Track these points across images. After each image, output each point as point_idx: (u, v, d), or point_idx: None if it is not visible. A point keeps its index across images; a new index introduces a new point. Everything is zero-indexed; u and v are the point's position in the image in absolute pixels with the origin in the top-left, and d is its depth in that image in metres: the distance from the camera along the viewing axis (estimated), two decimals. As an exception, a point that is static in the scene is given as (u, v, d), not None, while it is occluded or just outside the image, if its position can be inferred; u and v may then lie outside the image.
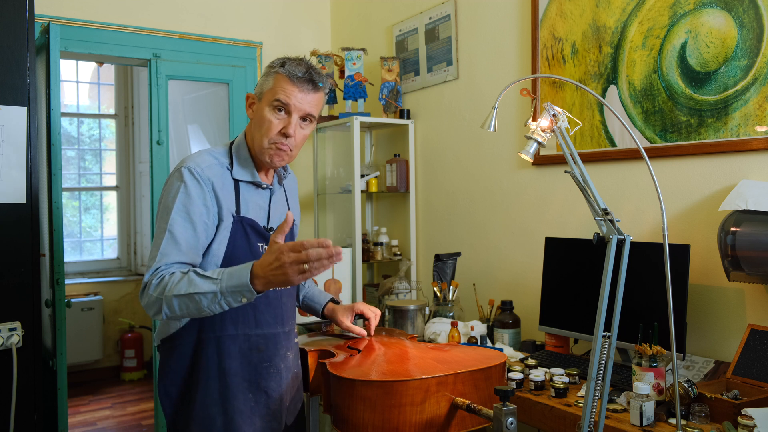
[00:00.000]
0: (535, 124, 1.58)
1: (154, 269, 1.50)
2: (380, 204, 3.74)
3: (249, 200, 1.66)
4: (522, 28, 2.72)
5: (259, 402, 1.65)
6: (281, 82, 1.60)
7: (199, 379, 1.61)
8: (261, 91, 1.64)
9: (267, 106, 1.61)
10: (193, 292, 1.41)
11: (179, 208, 1.54)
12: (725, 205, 1.83)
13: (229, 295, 1.40)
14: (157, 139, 3.44)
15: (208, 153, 1.65)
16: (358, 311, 1.96)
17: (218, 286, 1.40)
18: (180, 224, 1.53)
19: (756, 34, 1.90)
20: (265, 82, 1.63)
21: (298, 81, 1.60)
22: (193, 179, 1.56)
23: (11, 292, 2.37)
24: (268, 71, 1.64)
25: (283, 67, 1.61)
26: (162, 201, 1.60)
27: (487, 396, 1.52)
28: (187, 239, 1.53)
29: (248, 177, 1.66)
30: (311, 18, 4.04)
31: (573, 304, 2.24)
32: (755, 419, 1.47)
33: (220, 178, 1.61)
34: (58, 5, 3.20)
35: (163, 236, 1.52)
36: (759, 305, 1.92)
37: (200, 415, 1.59)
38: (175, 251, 1.51)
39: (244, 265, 1.42)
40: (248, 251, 1.63)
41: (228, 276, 1.41)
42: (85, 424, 4.25)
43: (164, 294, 1.44)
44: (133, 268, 5.74)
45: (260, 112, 1.62)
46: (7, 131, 2.37)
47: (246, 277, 1.38)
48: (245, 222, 1.63)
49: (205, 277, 1.43)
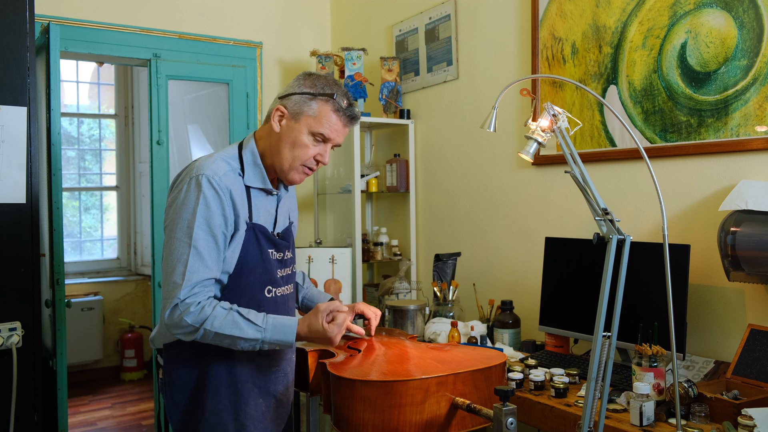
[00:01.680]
0: (535, 124, 1.58)
1: (189, 288, 1.48)
2: (380, 204, 3.74)
3: (259, 206, 1.65)
4: (522, 28, 2.72)
5: (269, 406, 1.67)
6: (328, 114, 1.59)
7: (209, 385, 1.59)
8: (299, 112, 1.59)
9: (307, 132, 1.59)
10: (237, 336, 1.49)
11: (201, 222, 1.51)
12: (725, 205, 1.83)
13: (267, 345, 1.52)
14: (157, 139, 3.44)
15: (222, 159, 1.60)
16: (359, 311, 1.95)
17: (262, 335, 1.50)
18: (203, 239, 1.51)
19: (756, 34, 1.90)
20: (305, 104, 1.58)
21: (343, 116, 1.60)
22: (212, 190, 1.53)
23: (11, 292, 2.37)
24: (310, 92, 1.59)
25: (333, 99, 1.58)
26: (177, 209, 1.54)
27: (487, 396, 1.52)
28: (210, 254, 1.52)
29: (260, 184, 1.64)
30: (311, 18, 4.04)
31: (573, 304, 2.24)
32: (755, 419, 1.47)
33: (235, 185, 1.59)
34: (58, 5, 3.20)
35: (187, 251, 1.50)
36: (759, 305, 1.92)
37: (211, 422, 1.58)
38: (203, 268, 1.50)
39: (289, 320, 1.54)
40: (260, 258, 1.62)
41: (273, 328, 1.51)
42: (85, 424, 4.25)
43: (204, 326, 1.47)
44: (133, 268, 5.74)
45: (296, 134, 1.59)
46: (7, 131, 2.37)
47: (292, 336, 1.52)
48: (257, 229, 1.62)
49: (249, 322, 1.50)
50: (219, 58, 3.66)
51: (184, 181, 1.56)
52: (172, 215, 1.55)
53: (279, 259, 1.69)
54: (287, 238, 1.74)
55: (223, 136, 3.86)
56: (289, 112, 1.60)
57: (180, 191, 1.55)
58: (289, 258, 1.74)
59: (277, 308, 1.68)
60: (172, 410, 1.62)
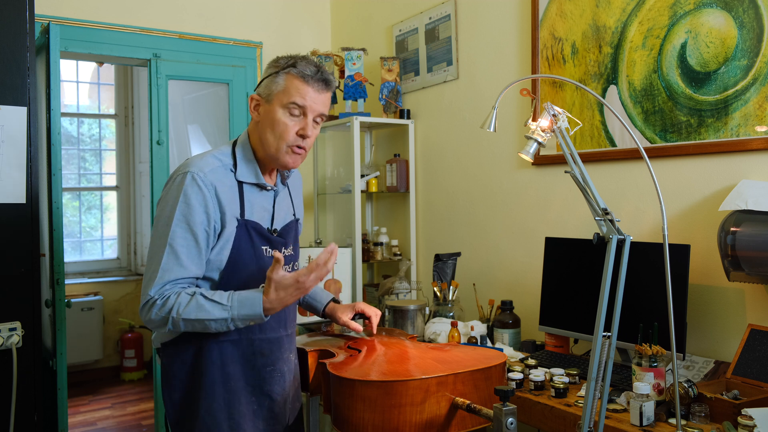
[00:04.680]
0: (535, 124, 1.58)
1: (159, 288, 1.48)
2: (380, 204, 3.74)
3: (254, 202, 1.63)
4: (522, 28, 2.72)
5: (262, 405, 1.65)
6: (294, 82, 1.56)
7: (203, 384, 1.59)
8: (270, 93, 1.58)
9: (280, 108, 1.57)
10: (203, 318, 1.46)
11: (179, 219, 1.50)
12: (725, 205, 1.83)
13: (239, 321, 1.47)
14: (157, 139, 3.44)
15: (212, 155, 1.61)
16: (359, 310, 1.96)
17: (229, 314, 1.46)
18: (180, 236, 1.50)
19: (756, 34, 1.90)
20: (273, 83, 1.58)
21: (311, 81, 1.57)
22: (195, 185, 1.52)
23: (11, 292, 2.37)
24: (275, 71, 1.59)
25: (294, 68, 1.57)
26: (161, 206, 1.56)
27: (487, 396, 1.52)
28: (188, 252, 1.51)
29: (252, 179, 1.63)
30: (311, 18, 4.04)
31: (573, 304, 2.24)
32: (755, 419, 1.47)
33: (223, 181, 1.57)
34: (58, 5, 3.20)
35: (163, 249, 1.49)
36: (759, 305, 1.92)
37: (206, 421, 1.58)
38: (176, 267, 1.49)
39: (253, 291, 1.48)
40: (252, 255, 1.61)
41: (239, 304, 1.46)
42: (85, 424, 4.25)
43: (170, 315, 1.46)
44: (133, 268, 5.74)
45: (271, 115, 1.58)
46: (7, 131, 2.37)
47: (259, 308, 1.45)
48: (250, 225, 1.60)
49: (214, 302, 1.47)
50: (219, 58, 3.66)
51: (171, 178, 1.58)
52: (157, 212, 1.57)
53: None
54: (285, 235, 1.72)
55: (223, 136, 3.86)
56: (261, 97, 1.61)
57: (166, 189, 1.57)
58: (288, 255, 1.72)
59: None
60: (170, 408, 1.62)
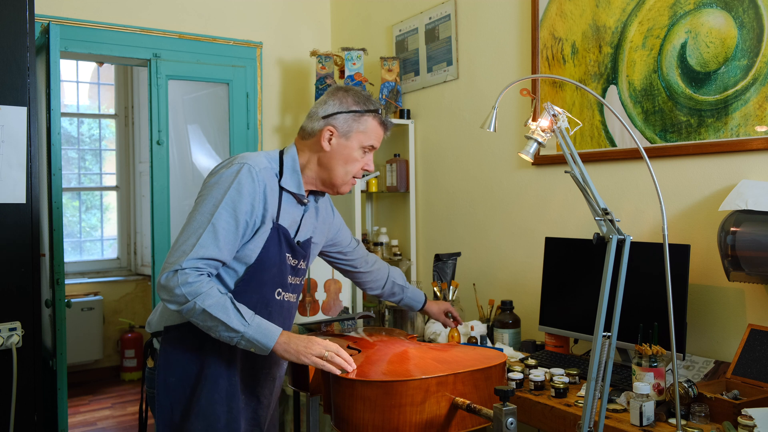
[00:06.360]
0: (535, 124, 1.58)
1: (194, 260, 1.50)
2: (380, 204, 3.74)
3: (287, 211, 1.69)
4: (522, 28, 2.72)
5: (248, 405, 1.69)
6: (376, 128, 1.71)
7: (208, 375, 1.60)
8: (350, 131, 1.68)
9: (359, 147, 1.69)
10: (221, 319, 1.48)
11: (227, 203, 1.55)
12: (725, 205, 1.83)
13: (245, 342, 1.50)
14: (157, 139, 3.44)
15: (264, 156, 1.67)
16: (447, 310, 2.20)
17: (244, 330, 1.49)
18: (225, 219, 1.54)
19: (756, 34, 1.90)
20: (356, 122, 1.68)
21: (387, 128, 1.75)
22: (249, 177, 1.57)
23: (11, 292, 2.37)
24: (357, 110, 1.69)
25: (378, 113, 1.71)
26: (210, 187, 1.59)
27: (487, 396, 1.52)
28: (226, 236, 1.54)
29: (294, 189, 1.69)
30: (311, 18, 4.04)
31: (573, 304, 2.24)
32: (755, 419, 1.47)
33: (271, 183, 1.64)
34: (58, 5, 3.20)
35: (205, 227, 1.53)
36: (759, 305, 1.92)
37: (206, 411, 1.59)
38: (213, 246, 1.53)
39: (274, 326, 1.53)
40: (278, 259, 1.65)
41: (257, 327, 1.50)
42: (85, 424, 4.26)
43: (196, 300, 1.48)
44: (133, 268, 5.74)
45: (348, 151, 1.68)
46: (7, 131, 2.37)
47: (272, 342, 1.50)
48: (281, 231, 1.66)
49: (238, 313, 1.50)
50: (219, 58, 3.66)
51: (225, 166, 1.61)
52: (204, 192, 1.60)
53: (293, 266, 1.72)
54: (305, 249, 1.77)
55: (223, 136, 3.87)
56: (339, 131, 1.68)
57: (219, 174, 1.60)
58: (302, 269, 1.77)
59: (282, 312, 1.71)
60: (161, 393, 1.61)
